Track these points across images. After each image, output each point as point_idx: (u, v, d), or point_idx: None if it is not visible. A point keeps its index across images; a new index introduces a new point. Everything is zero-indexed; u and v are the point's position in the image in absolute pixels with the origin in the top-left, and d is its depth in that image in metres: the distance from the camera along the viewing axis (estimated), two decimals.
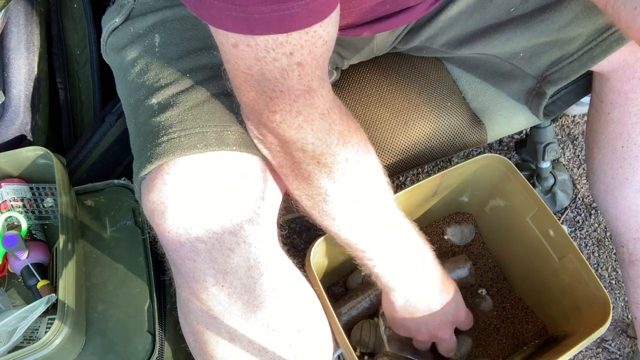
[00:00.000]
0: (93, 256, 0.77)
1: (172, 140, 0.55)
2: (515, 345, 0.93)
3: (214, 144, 0.54)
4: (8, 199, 0.75)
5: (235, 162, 0.55)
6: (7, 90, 0.83)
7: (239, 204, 0.54)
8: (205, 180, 0.53)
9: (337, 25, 0.47)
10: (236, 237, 0.53)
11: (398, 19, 0.65)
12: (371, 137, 0.81)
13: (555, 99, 0.77)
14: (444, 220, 1.02)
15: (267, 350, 0.55)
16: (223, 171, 0.54)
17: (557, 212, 1.18)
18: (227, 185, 0.54)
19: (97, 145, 0.89)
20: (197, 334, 0.56)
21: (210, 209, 0.52)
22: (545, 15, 0.68)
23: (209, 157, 0.54)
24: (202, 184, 0.53)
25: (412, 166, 0.84)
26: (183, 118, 0.56)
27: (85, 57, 0.94)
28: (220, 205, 0.53)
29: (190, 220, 0.52)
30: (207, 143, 0.54)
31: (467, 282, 0.96)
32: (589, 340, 0.71)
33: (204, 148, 0.54)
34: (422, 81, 0.86)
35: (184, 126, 0.55)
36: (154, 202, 0.53)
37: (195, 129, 0.55)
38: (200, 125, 0.55)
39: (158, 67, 0.61)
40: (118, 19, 0.65)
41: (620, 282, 1.11)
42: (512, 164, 0.83)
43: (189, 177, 0.53)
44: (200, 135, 0.55)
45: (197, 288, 0.53)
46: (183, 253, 0.53)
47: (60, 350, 0.65)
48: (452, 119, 0.83)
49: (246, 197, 0.55)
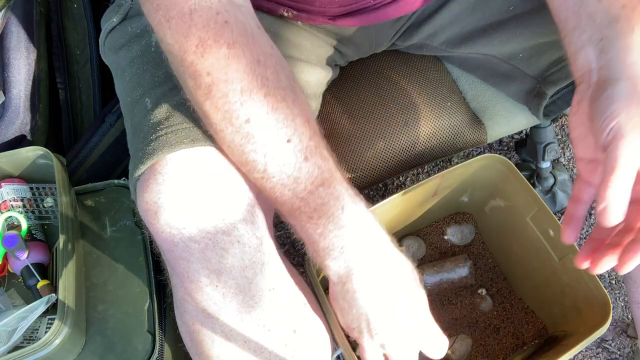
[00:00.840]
0: (93, 256, 0.77)
1: (159, 138, 0.54)
2: (515, 345, 0.93)
3: (201, 139, 0.54)
4: (8, 199, 0.75)
5: (226, 158, 0.55)
6: (7, 90, 0.83)
7: (232, 202, 0.53)
8: (197, 178, 0.53)
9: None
10: (230, 236, 0.53)
11: (390, 9, 0.65)
12: (371, 137, 0.81)
13: (555, 99, 0.77)
14: (444, 220, 1.02)
15: (263, 350, 0.55)
16: (213, 167, 0.54)
17: (557, 212, 1.18)
18: (219, 183, 0.53)
19: (97, 145, 0.89)
20: (193, 333, 0.56)
21: (203, 208, 0.52)
22: (545, 14, 0.68)
23: (197, 152, 0.54)
24: (194, 182, 0.53)
25: (412, 166, 0.84)
26: (170, 115, 0.56)
27: (85, 57, 0.94)
28: (213, 204, 0.52)
29: (183, 220, 0.52)
30: (193, 138, 0.54)
31: (467, 282, 0.96)
32: (589, 340, 0.71)
33: (191, 143, 0.53)
34: (422, 81, 0.86)
35: (171, 122, 0.55)
36: (147, 202, 0.53)
37: (182, 125, 0.55)
38: (186, 121, 0.55)
39: (154, 67, 0.61)
40: (116, 19, 0.65)
41: (620, 282, 1.11)
42: (512, 164, 0.83)
43: (181, 176, 0.53)
44: (187, 130, 0.54)
45: (192, 288, 0.53)
46: (177, 253, 0.53)
47: (60, 350, 0.65)
48: (452, 119, 0.83)
49: (239, 195, 0.54)
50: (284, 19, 0.68)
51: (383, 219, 0.87)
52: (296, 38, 0.68)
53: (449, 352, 0.90)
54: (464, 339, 0.91)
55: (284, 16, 0.66)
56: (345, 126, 0.83)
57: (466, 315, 0.96)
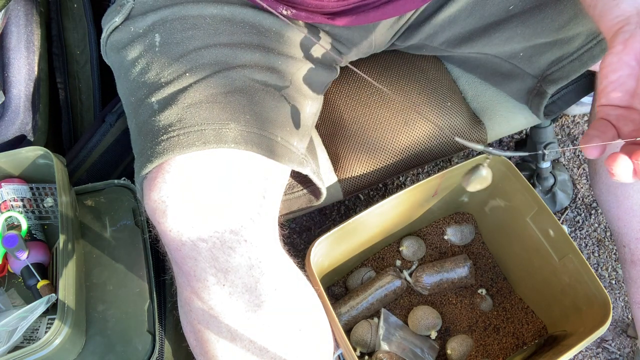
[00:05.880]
0: (93, 256, 0.77)
1: (171, 138, 0.55)
2: (515, 345, 0.93)
3: (212, 142, 0.54)
4: (8, 199, 0.74)
5: (235, 160, 0.56)
6: (7, 90, 0.83)
7: (240, 202, 0.54)
8: (205, 179, 0.53)
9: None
10: (237, 235, 0.53)
11: (389, 8, 0.65)
12: (371, 137, 0.81)
13: (556, 98, 0.77)
14: (444, 220, 1.02)
15: (268, 350, 0.55)
16: (222, 169, 0.54)
17: (557, 212, 1.18)
18: (227, 183, 0.54)
19: (97, 145, 0.89)
20: (198, 332, 0.56)
21: (211, 207, 0.53)
22: (545, 13, 0.68)
23: (207, 154, 0.54)
24: (203, 182, 0.53)
25: (412, 166, 0.84)
26: (182, 117, 0.56)
27: (85, 57, 0.94)
28: (221, 204, 0.53)
29: (191, 219, 0.52)
30: (205, 140, 0.54)
31: (467, 282, 0.96)
32: (589, 340, 0.71)
33: (202, 146, 0.54)
34: (423, 81, 0.86)
35: (183, 124, 0.56)
36: (155, 201, 0.53)
37: (193, 127, 0.55)
38: (198, 123, 0.56)
39: (158, 67, 0.61)
40: (118, 19, 0.65)
41: (620, 282, 1.11)
42: (512, 164, 0.83)
43: (190, 176, 0.53)
44: (198, 133, 0.55)
45: (199, 287, 0.53)
46: (184, 252, 0.53)
47: (60, 350, 0.64)
48: (452, 119, 0.83)
49: (247, 195, 0.55)
50: (285, 19, 0.68)
51: (383, 219, 0.88)
52: (297, 38, 0.68)
53: (449, 352, 0.90)
54: (464, 339, 0.91)
55: (283, 15, 0.66)
56: (345, 126, 0.83)
57: (466, 315, 0.96)
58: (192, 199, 0.52)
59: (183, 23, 0.62)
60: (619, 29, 0.50)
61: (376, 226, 0.89)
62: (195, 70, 0.60)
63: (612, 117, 0.49)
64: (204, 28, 0.62)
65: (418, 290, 0.96)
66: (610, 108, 0.49)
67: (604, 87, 0.50)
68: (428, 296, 0.97)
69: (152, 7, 0.64)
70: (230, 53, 0.62)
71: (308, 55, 0.70)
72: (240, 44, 0.63)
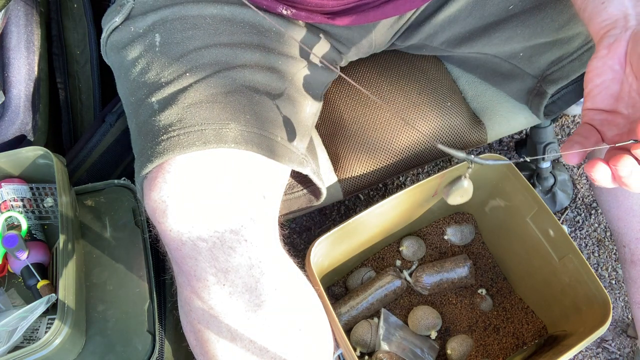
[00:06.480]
0: (93, 256, 0.77)
1: (171, 138, 0.55)
2: (515, 345, 0.93)
3: (212, 141, 0.54)
4: (8, 199, 0.74)
5: (235, 160, 0.56)
6: (7, 90, 0.83)
7: (240, 202, 0.54)
8: (205, 178, 0.53)
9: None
10: (237, 235, 0.53)
11: (389, 8, 0.65)
12: (371, 137, 0.81)
13: (556, 98, 0.77)
14: (444, 220, 1.02)
15: (268, 350, 0.55)
16: (223, 169, 0.54)
17: (557, 212, 1.18)
18: (227, 183, 0.54)
19: (97, 145, 0.89)
20: (198, 332, 0.56)
21: (211, 207, 0.53)
22: (544, 13, 0.68)
23: (208, 154, 0.54)
24: (203, 181, 0.53)
25: (412, 166, 0.84)
26: (182, 117, 0.56)
27: (85, 57, 0.94)
28: (221, 204, 0.53)
29: (191, 219, 0.52)
30: (205, 140, 0.54)
31: (467, 282, 0.96)
32: (589, 340, 0.71)
33: (203, 145, 0.54)
34: (422, 81, 0.86)
35: (183, 124, 0.56)
36: (155, 200, 0.53)
37: (194, 127, 0.55)
38: (198, 123, 0.56)
39: (159, 66, 0.61)
40: (118, 19, 0.65)
41: (620, 282, 1.11)
42: (512, 164, 0.83)
43: (190, 175, 0.53)
44: (198, 133, 0.55)
45: (199, 287, 0.53)
46: (184, 252, 0.53)
47: (60, 350, 0.64)
48: (452, 119, 0.83)
49: (247, 195, 0.55)
50: (285, 20, 0.68)
51: (383, 219, 0.88)
52: (297, 38, 0.68)
53: (449, 352, 0.90)
54: (464, 339, 0.91)
55: (283, 14, 0.66)
56: (345, 126, 0.83)
57: (466, 315, 0.96)
58: (193, 198, 0.52)
59: (183, 23, 0.62)
60: (605, 32, 0.51)
61: (376, 226, 0.89)
62: (195, 70, 0.60)
63: (596, 122, 0.50)
64: (204, 28, 0.62)
65: (418, 290, 0.96)
66: (595, 112, 0.50)
67: (589, 90, 0.51)
68: (428, 296, 0.97)
69: (152, 7, 0.64)
70: (231, 53, 0.62)
71: (308, 55, 0.70)
72: (240, 44, 0.63)
